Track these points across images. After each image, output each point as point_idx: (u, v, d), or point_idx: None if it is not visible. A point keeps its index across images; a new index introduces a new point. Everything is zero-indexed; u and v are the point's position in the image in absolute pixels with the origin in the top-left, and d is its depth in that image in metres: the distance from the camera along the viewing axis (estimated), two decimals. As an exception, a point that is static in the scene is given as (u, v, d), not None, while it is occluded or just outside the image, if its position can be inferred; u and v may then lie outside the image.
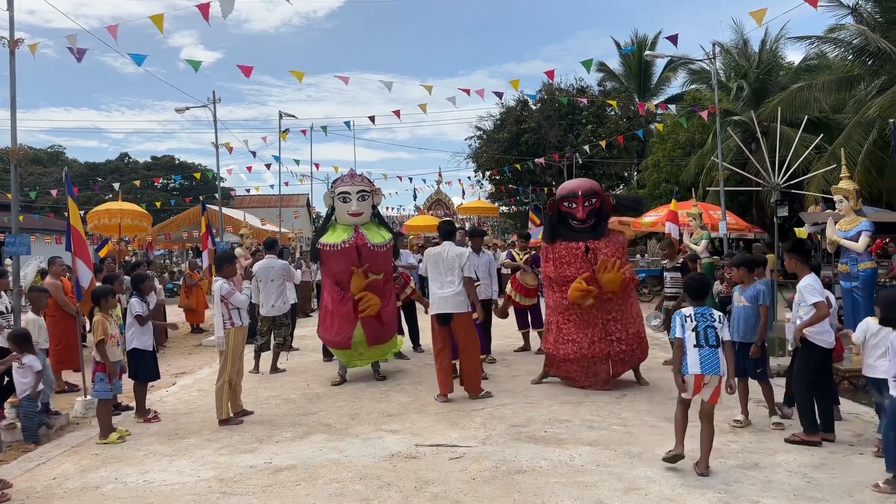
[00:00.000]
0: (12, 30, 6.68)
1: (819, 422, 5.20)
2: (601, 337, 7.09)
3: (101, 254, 14.98)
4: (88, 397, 6.98)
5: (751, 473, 4.53)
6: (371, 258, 7.78)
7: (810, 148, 15.21)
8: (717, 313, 4.79)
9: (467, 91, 11.79)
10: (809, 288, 5.25)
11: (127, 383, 6.59)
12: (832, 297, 5.58)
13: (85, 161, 54.75)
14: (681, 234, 12.86)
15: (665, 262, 9.32)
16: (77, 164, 49.84)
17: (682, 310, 4.85)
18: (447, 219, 7.43)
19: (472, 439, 5.44)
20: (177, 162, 56.67)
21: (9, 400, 6.41)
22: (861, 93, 19.39)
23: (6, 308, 6.55)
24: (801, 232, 12.79)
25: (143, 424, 6.34)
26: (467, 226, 21.91)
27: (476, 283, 7.48)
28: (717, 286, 8.19)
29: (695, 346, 4.64)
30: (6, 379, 6.22)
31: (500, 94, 15.89)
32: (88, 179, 43.73)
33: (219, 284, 6.45)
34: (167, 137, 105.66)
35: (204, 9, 8.08)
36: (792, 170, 11.87)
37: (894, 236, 15.39)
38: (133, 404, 6.81)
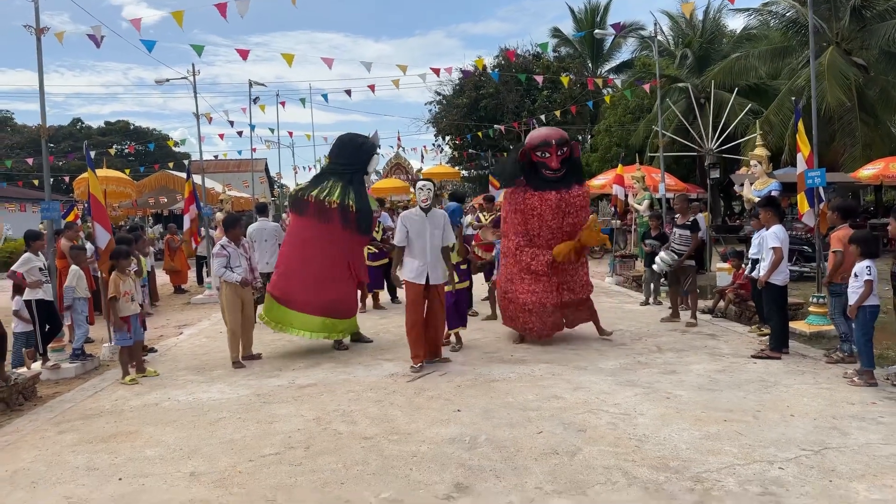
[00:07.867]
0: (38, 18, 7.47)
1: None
2: (553, 287, 7.36)
3: (70, 219, 15.67)
4: (113, 343, 8.00)
5: (668, 377, 5.95)
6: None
7: (744, 112, 16.69)
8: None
9: (437, 71, 12.77)
10: (772, 235, 6.55)
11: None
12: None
13: (36, 125, 53.45)
14: (626, 196, 14.29)
15: (676, 217, 9.28)
16: (28, 129, 48.58)
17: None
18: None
19: (454, 363, 6.73)
20: (131, 127, 55.89)
21: (50, 345, 7.42)
22: (793, 62, 20.98)
23: (44, 265, 7.47)
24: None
25: (171, 363, 7.42)
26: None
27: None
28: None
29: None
30: (47, 326, 7.23)
31: (466, 73, 16.83)
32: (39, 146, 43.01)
33: (219, 243, 7.40)
34: (111, 100, 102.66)
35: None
36: (726, 134, 13.26)
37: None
38: (157, 347, 7.87)
